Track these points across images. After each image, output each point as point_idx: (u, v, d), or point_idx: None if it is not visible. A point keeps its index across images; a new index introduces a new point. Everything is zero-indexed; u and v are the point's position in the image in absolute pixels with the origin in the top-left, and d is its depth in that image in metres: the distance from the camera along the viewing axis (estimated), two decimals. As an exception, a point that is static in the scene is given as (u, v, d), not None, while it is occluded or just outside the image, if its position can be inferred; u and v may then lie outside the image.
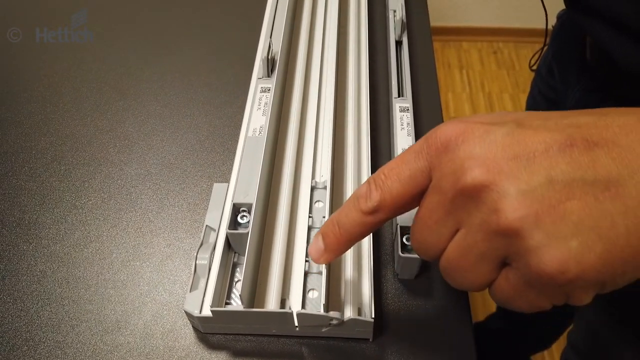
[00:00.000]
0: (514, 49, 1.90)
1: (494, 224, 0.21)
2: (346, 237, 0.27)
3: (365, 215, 0.26)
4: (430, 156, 0.23)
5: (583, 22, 0.44)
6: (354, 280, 0.33)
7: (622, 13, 0.39)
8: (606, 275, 0.20)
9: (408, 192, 0.24)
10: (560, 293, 0.21)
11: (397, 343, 0.33)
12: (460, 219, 0.22)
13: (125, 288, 0.36)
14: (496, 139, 0.22)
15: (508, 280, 0.22)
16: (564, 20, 0.58)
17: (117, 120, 0.47)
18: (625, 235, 0.20)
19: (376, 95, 0.49)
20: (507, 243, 0.21)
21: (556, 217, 0.20)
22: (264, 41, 0.48)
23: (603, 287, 0.21)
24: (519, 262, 0.21)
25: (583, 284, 0.21)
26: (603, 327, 0.57)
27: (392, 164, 0.25)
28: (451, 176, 0.22)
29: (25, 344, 0.33)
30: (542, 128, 0.22)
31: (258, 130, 0.39)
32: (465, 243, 0.22)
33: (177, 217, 0.40)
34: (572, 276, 0.20)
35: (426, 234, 0.24)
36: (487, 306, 1.19)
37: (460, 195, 0.22)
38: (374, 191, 0.25)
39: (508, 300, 0.23)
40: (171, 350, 0.33)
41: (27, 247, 0.38)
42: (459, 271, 0.23)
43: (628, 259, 0.20)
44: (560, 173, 0.20)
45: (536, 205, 0.20)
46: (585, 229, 0.20)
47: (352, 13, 0.55)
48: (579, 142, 0.21)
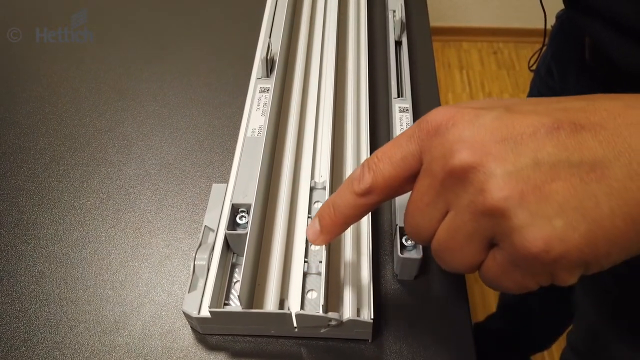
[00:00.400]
0: (514, 49, 1.90)
1: (480, 204, 0.21)
2: (341, 218, 0.28)
3: (359, 197, 0.26)
4: (422, 140, 0.24)
5: (582, 22, 0.44)
6: (353, 281, 0.33)
7: (622, 13, 0.39)
8: (590, 256, 0.21)
9: (399, 175, 0.25)
10: (545, 272, 0.22)
11: (396, 344, 0.33)
12: (450, 200, 0.23)
13: (123, 288, 0.36)
14: (485, 122, 0.22)
15: (495, 261, 0.23)
16: (563, 20, 0.57)
17: (116, 120, 0.47)
18: (609, 216, 0.20)
19: (375, 95, 0.49)
20: (493, 223, 0.22)
21: (541, 197, 0.21)
22: (263, 41, 0.48)
23: (587, 268, 0.22)
24: (504, 241, 0.22)
25: (567, 263, 0.21)
26: (603, 328, 0.57)
27: (385, 147, 0.26)
28: (441, 159, 0.23)
29: (23, 344, 0.33)
30: (531, 112, 0.22)
31: (257, 130, 0.39)
32: (454, 224, 0.23)
33: (176, 218, 0.40)
34: (555, 255, 0.21)
35: (418, 217, 0.25)
36: (487, 306, 1.19)
37: (449, 177, 0.22)
38: (366, 173, 0.26)
39: (496, 280, 0.24)
40: (170, 351, 0.33)
41: (26, 247, 0.38)
42: (449, 252, 0.24)
43: (612, 239, 0.21)
44: (546, 155, 0.21)
45: (521, 185, 0.21)
46: (570, 209, 0.20)
47: (351, 13, 0.55)
48: (566, 126, 0.21)
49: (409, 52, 0.49)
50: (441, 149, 0.23)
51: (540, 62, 0.64)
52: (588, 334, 0.62)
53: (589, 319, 0.60)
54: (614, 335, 0.56)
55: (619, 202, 0.20)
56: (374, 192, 0.26)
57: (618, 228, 0.20)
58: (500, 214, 0.21)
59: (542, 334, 0.92)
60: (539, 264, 0.21)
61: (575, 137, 0.21)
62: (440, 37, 1.90)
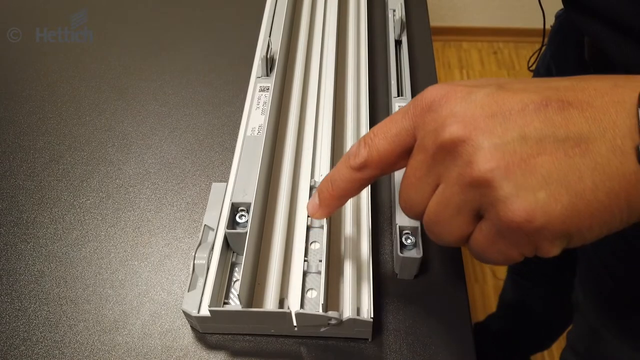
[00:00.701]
0: (514, 49, 1.90)
1: (468, 175, 0.22)
2: (338, 192, 0.29)
3: (355, 172, 0.27)
4: (416, 116, 0.25)
5: (581, 22, 0.44)
6: (352, 280, 0.33)
7: (621, 12, 0.39)
8: (571, 227, 0.21)
9: (394, 150, 0.26)
10: (528, 243, 0.22)
11: (396, 343, 0.33)
12: (440, 174, 0.24)
13: (123, 287, 0.36)
14: (477, 98, 0.23)
15: (482, 232, 0.24)
16: (562, 20, 0.57)
17: (115, 119, 0.47)
18: (592, 190, 0.21)
19: (375, 94, 0.48)
20: (480, 194, 0.22)
21: (526, 170, 0.21)
22: (263, 40, 0.48)
23: (570, 240, 0.22)
24: (490, 212, 0.23)
25: (549, 234, 0.22)
26: (602, 328, 0.57)
27: (381, 123, 0.27)
28: (432, 133, 0.24)
29: (22, 343, 0.33)
30: (522, 90, 0.23)
31: (257, 129, 0.39)
32: (444, 196, 0.24)
33: (176, 217, 0.40)
34: (538, 225, 0.21)
35: (411, 191, 0.25)
36: (487, 306, 1.19)
37: (440, 150, 0.23)
38: (362, 149, 0.27)
39: (482, 251, 0.24)
40: (169, 350, 0.33)
41: (25, 246, 0.38)
42: (439, 225, 0.25)
43: (595, 213, 0.21)
44: (533, 130, 0.22)
45: (508, 158, 0.22)
46: (554, 182, 0.21)
47: (351, 12, 0.55)
48: (554, 103, 0.22)
49: (409, 51, 0.49)
50: (433, 123, 0.24)
51: (540, 62, 0.64)
52: (588, 334, 0.62)
53: (588, 319, 0.60)
54: (614, 335, 0.56)
55: (602, 177, 0.21)
56: (369, 167, 0.27)
57: (600, 201, 0.21)
58: (486, 184, 0.22)
59: (542, 334, 0.92)
60: (522, 234, 0.22)
61: (562, 114, 0.22)
62: (441, 37, 1.90)
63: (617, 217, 0.22)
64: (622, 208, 0.21)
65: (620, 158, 0.21)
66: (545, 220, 0.21)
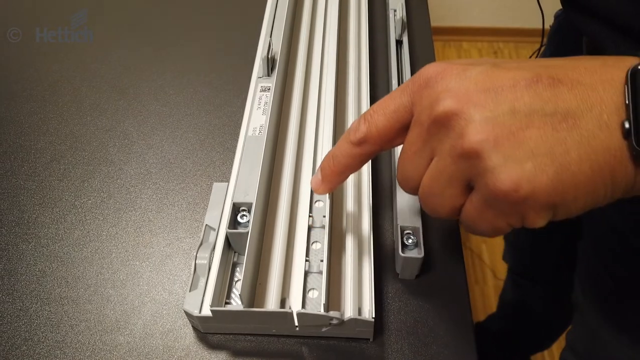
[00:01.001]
0: (514, 49, 1.90)
1: (459, 147, 0.23)
2: (339, 167, 0.30)
3: (354, 147, 0.28)
4: (413, 92, 0.26)
5: (580, 21, 0.44)
6: (354, 280, 0.33)
7: (620, 12, 0.39)
8: (557, 198, 0.22)
9: (392, 126, 0.27)
10: (514, 213, 0.23)
11: (397, 343, 0.33)
12: (434, 147, 0.25)
13: (124, 287, 0.36)
14: (471, 75, 0.24)
15: (472, 203, 0.25)
16: (561, 20, 0.57)
17: (116, 119, 0.47)
18: (577, 162, 0.22)
19: (376, 94, 0.49)
20: (470, 164, 0.23)
21: (514, 142, 0.22)
22: (264, 40, 0.48)
23: (555, 211, 0.23)
24: (479, 182, 0.23)
25: (534, 204, 0.22)
26: (601, 329, 0.57)
27: (381, 100, 0.28)
28: (428, 108, 0.25)
29: (24, 343, 0.33)
30: (515, 68, 0.24)
31: (258, 129, 0.39)
32: (437, 169, 0.25)
33: (177, 217, 0.40)
34: (524, 194, 0.22)
35: (407, 165, 0.27)
36: (488, 307, 1.19)
37: (435, 124, 0.24)
38: (362, 125, 0.28)
39: (472, 221, 0.25)
40: (171, 350, 0.33)
41: (27, 246, 0.38)
42: (432, 197, 0.26)
43: (579, 185, 0.22)
44: (523, 105, 0.23)
45: (497, 130, 0.22)
46: (540, 154, 0.22)
47: (352, 12, 0.55)
48: (544, 79, 0.23)
49: (410, 51, 0.49)
50: (429, 99, 0.25)
51: None
52: (587, 334, 0.62)
53: (587, 319, 0.60)
54: (613, 335, 0.56)
55: (587, 150, 0.22)
56: (369, 142, 0.28)
57: (585, 174, 0.22)
58: (476, 155, 0.23)
59: (542, 334, 0.92)
60: (508, 203, 0.23)
61: (552, 90, 0.23)
62: (441, 37, 1.90)
63: (601, 191, 0.23)
64: (606, 182, 0.22)
65: (606, 133, 0.22)
66: (530, 189, 0.22)
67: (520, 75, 0.23)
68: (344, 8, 0.56)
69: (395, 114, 0.27)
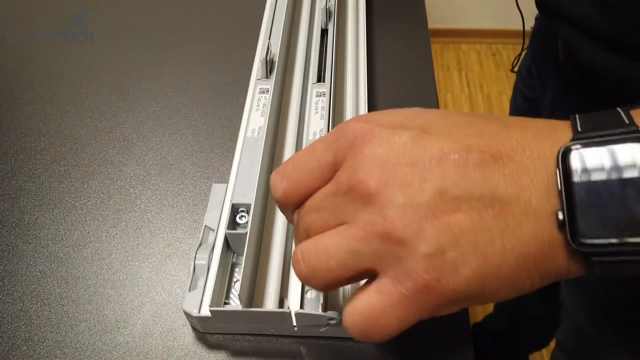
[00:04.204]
0: (513, 50, 1.90)
1: (379, 225, 0.21)
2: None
3: (280, 205, 0.26)
4: (337, 150, 0.24)
5: (553, 25, 0.45)
6: (352, 281, 0.33)
7: (586, 15, 0.39)
8: (475, 290, 0.21)
9: (314, 185, 0.24)
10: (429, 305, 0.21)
11: (395, 343, 0.33)
12: (347, 213, 0.22)
13: (124, 288, 0.36)
14: (399, 142, 0.22)
15: (381, 292, 0.22)
16: (540, 23, 0.58)
17: (116, 121, 0.47)
18: (501, 253, 0.20)
19: (374, 94, 0.49)
20: (386, 247, 0.21)
21: (439, 228, 0.20)
22: (262, 42, 0.48)
23: (473, 301, 0.22)
24: (395, 268, 0.21)
25: (453, 295, 0.21)
26: (590, 328, 0.57)
27: (301, 154, 0.25)
28: (350, 171, 0.23)
29: (24, 343, 0.33)
30: (445, 136, 0.22)
31: (257, 131, 0.39)
32: (344, 236, 0.22)
33: (176, 218, 0.40)
34: (443, 287, 0.20)
35: (313, 215, 0.24)
36: (486, 307, 1.19)
37: (353, 191, 0.22)
38: (278, 183, 0.25)
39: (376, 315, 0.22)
40: (170, 350, 0.33)
41: (27, 247, 0.38)
42: (324, 260, 0.23)
43: (502, 278, 0.21)
44: (450, 185, 0.21)
45: (422, 213, 0.21)
46: (465, 242, 0.20)
47: (350, 13, 0.56)
48: (474, 154, 0.21)
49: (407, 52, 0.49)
50: (353, 162, 0.23)
51: (522, 63, 0.65)
52: (575, 333, 0.62)
53: (575, 318, 0.61)
54: (601, 334, 0.56)
55: (512, 240, 0.20)
56: (289, 202, 0.25)
57: (508, 266, 0.20)
58: (396, 240, 0.21)
59: (538, 333, 0.93)
60: (425, 294, 0.21)
61: (481, 169, 0.21)
62: (439, 39, 1.91)
63: (526, 283, 0.21)
64: (531, 274, 0.21)
65: (533, 222, 0.20)
66: (452, 281, 0.20)
67: (449, 147, 0.21)
68: (342, 8, 0.56)
69: (318, 171, 0.24)
